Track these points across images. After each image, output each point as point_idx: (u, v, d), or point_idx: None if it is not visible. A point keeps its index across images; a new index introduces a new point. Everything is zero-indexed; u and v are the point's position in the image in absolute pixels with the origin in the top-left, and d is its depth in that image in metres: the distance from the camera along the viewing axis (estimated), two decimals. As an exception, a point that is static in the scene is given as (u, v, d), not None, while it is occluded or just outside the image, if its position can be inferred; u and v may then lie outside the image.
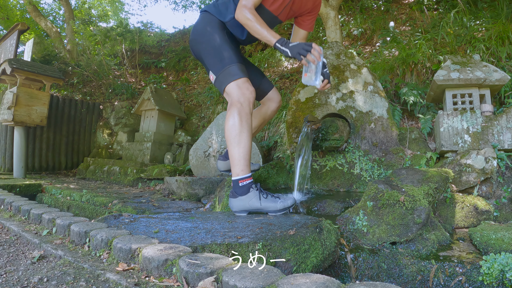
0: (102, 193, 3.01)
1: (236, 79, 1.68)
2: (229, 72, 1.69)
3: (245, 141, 1.65)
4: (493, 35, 3.00)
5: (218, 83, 1.74)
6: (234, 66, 1.70)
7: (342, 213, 1.66)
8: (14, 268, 1.19)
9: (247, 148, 1.65)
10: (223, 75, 1.70)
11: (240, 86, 1.68)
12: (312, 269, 1.19)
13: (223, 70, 1.70)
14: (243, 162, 1.64)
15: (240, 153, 1.64)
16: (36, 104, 4.30)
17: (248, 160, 1.66)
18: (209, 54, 1.78)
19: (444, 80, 2.31)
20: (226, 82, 1.70)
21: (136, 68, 7.17)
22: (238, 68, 1.71)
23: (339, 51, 2.76)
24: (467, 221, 1.89)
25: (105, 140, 5.78)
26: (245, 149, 1.64)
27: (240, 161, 1.64)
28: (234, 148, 1.64)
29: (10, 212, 2.09)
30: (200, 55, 1.86)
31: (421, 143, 2.45)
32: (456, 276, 1.29)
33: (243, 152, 1.64)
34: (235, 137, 1.64)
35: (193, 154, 3.41)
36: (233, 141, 1.64)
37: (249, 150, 1.66)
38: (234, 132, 1.64)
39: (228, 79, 1.69)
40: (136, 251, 1.08)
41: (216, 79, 1.74)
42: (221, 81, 1.72)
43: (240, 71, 1.70)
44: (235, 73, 1.69)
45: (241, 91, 1.67)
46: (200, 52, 1.84)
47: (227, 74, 1.70)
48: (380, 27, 4.69)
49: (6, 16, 8.45)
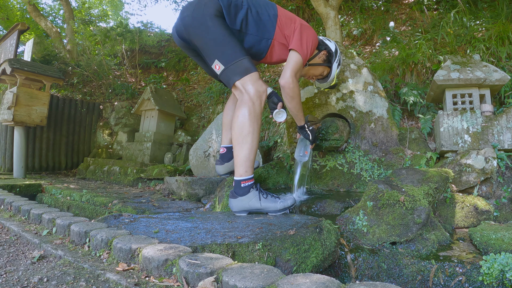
0: (102, 193, 3.01)
1: (251, 73, 1.60)
2: (241, 64, 1.59)
3: (253, 142, 1.61)
4: (493, 35, 3.00)
5: (227, 75, 1.63)
6: (246, 59, 1.61)
7: (342, 213, 1.66)
8: (14, 268, 1.19)
9: (254, 150, 1.62)
10: (234, 68, 1.60)
11: (254, 83, 1.60)
12: (312, 269, 1.19)
13: (235, 62, 1.59)
14: (249, 163, 1.61)
15: (246, 154, 1.60)
16: (36, 104, 4.30)
17: (253, 161, 1.64)
18: (216, 41, 1.62)
19: (444, 80, 2.31)
20: (238, 76, 1.60)
21: (136, 68, 7.17)
22: (249, 61, 1.62)
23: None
24: (467, 221, 1.89)
25: (105, 140, 5.78)
26: (252, 151, 1.61)
27: (246, 162, 1.61)
28: (241, 148, 1.60)
29: (10, 212, 2.09)
30: (199, 38, 1.66)
31: (421, 143, 2.45)
32: (456, 276, 1.29)
33: (250, 153, 1.61)
34: (244, 137, 1.59)
35: (193, 154, 3.41)
36: (241, 142, 1.60)
37: (255, 152, 1.63)
38: (243, 132, 1.59)
39: (241, 73, 1.60)
40: (136, 251, 1.08)
41: (224, 70, 1.62)
42: (231, 73, 1.61)
43: (252, 65, 1.62)
44: (249, 67, 1.60)
45: (255, 88, 1.60)
46: (200, 35, 1.65)
47: (239, 67, 1.59)
48: (380, 27, 4.69)
49: (6, 16, 8.45)
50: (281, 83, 1.71)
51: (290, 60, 1.71)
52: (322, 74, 2.02)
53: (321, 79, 2.07)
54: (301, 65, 1.73)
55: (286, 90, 1.72)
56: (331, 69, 1.99)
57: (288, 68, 1.69)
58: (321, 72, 2.01)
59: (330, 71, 2.00)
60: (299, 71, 1.75)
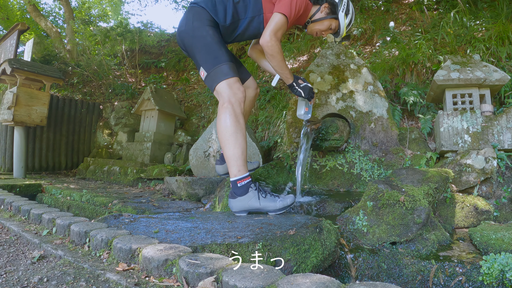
0: (102, 193, 3.01)
1: (228, 78, 1.68)
2: (221, 70, 1.69)
3: (240, 141, 1.64)
4: (493, 35, 3.00)
5: (209, 81, 1.74)
6: (226, 65, 1.70)
7: (342, 213, 1.66)
8: (14, 268, 1.19)
9: (242, 148, 1.65)
10: (215, 73, 1.70)
11: (232, 86, 1.68)
12: (312, 269, 1.19)
13: (215, 68, 1.70)
14: (240, 162, 1.64)
15: (235, 153, 1.63)
16: (36, 104, 4.30)
17: (244, 160, 1.66)
18: (202, 50, 1.75)
19: (444, 80, 2.31)
20: (217, 81, 1.70)
21: (136, 68, 7.17)
22: (229, 67, 1.71)
23: (339, 51, 2.76)
24: (467, 221, 1.89)
25: (105, 140, 5.78)
26: (240, 149, 1.64)
27: (237, 161, 1.63)
28: (229, 149, 1.64)
29: (10, 212, 2.09)
30: (191, 49, 1.82)
31: (421, 143, 2.45)
32: (456, 276, 1.29)
33: (238, 152, 1.64)
34: (229, 138, 1.64)
35: (193, 154, 3.41)
36: (227, 142, 1.64)
37: (244, 149, 1.66)
38: (227, 133, 1.64)
39: (220, 77, 1.69)
40: (136, 251, 1.08)
41: (207, 76, 1.73)
42: (212, 79, 1.71)
43: (231, 71, 1.70)
44: (227, 72, 1.69)
45: (233, 91, 1.67)
46: (192, 46, 1.80)
47: (218, 72, 1.69)
48: (380, 27, 4.69)
49: (6, 16, 8.45)
50: (261, 42, 1.75)
51: (271, 21, 1.73)
52: (331, 28, 1.94)
53: (334, 33, 1.99)
54: (283, 24, 1.73)
55: (266, 49, 1.75)
56: (338, 20, 1.91)
57: (268, 28, 1.72)
58: (329, 26, 1.93)
59: (338, 22, 1.92)
60: (281, 30, 1.74)
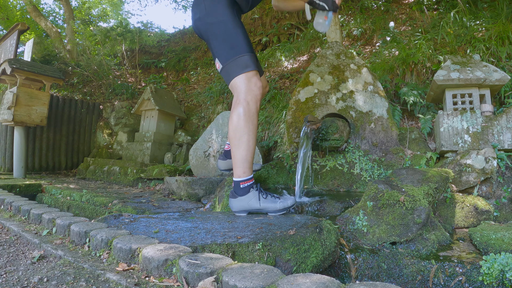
0: (102, 193, 3.01)
1: (247, 72, 1.55)
2: (240, 62, 1.55)
3: (251, 143, 1.58)
4: (493, 35, 3.00)
5: (226, 73, 1.60)
6: (246, 56, 1.56)
7: (342, 213, 1.66)
8: (14, 268, 1.19)
9: (251, 150, 1.59)
10: (233, 65, 1.56)
11: (249, 81, 1.55)
12: (312, 269, 1.19)
13: (234, 59, 1.56)
14: (246, 164, 1.59)
15: (243, 155, 1.58)
16: (36, 104, 4.30)
17: (251, 162, 1.61)
18: (219, 38, 1.60)
19: (444, 80, 2.31)
20: (235, 74, 1.56)
21: (136, 68, 7.17)
22: (250, 58, 1.56)
23: (339, 51, 2.76)
24: (467, 221, 1.89)
25: (105, 140, 5.78)
26: (249, 152, 1.58)
27: (244, 163, 1.59)
28: (238, 149, 1.58)
29: (10, 212, 2.08)
30: (207, 37, 1.67)
31: (421, 143, 2.45)
32: (456, 276, 1.29)
33: (247, 154, 1.58)
34: (240, 138, 1.57)
35: (193, 154, 3.41)
36: (237, 143, 1.58)
37: (253, 152, 1.60)
38: (238, 133, 1.56)
39: (238, 70, 1.55)
40: (136, 251, 1.08)
41: (223, 68, 1.59)
42: (229, 71, 1.57)
43: (252, 63, 1.56)
44: (247, 64, 1.55)
45: (249, 87, 1.55)
46: (208, 34, 1.65)
47: (238, 64, 1.55)
48: (380, 27, 4.69)
49: (6, 16, 8.44)
50: None
51: None
52: None
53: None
54: None
55: None
56: None
57: None
58: None
59: None
60: None
